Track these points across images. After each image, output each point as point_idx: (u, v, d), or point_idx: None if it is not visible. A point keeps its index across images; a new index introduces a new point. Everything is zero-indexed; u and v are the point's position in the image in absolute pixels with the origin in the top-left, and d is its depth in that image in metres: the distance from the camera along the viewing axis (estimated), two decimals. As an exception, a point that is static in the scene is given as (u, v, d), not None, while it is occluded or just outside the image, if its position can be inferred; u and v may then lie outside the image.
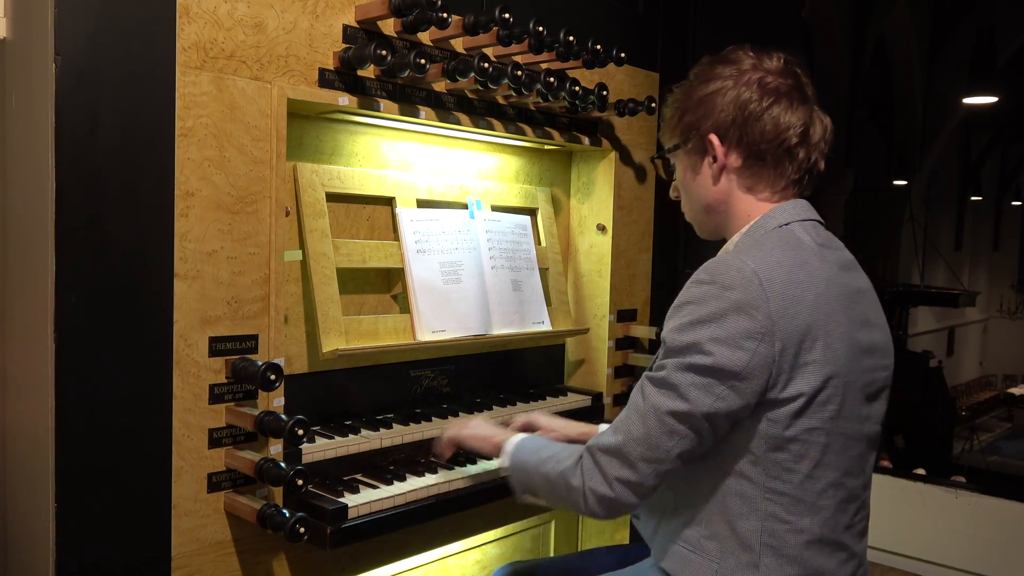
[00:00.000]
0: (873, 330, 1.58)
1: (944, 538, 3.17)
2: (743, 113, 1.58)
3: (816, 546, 1.49)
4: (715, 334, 1.43)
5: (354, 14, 1.89)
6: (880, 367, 1.58)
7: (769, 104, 1.57)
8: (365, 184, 2.14)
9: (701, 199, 1.68)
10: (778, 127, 1.57)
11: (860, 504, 1.56)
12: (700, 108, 1.62)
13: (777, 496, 1.47)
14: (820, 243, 1.56)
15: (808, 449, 1.45)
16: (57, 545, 1.50)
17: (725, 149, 1.61)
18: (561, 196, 2.73)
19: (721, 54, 1.66)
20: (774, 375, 1.42)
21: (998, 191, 17.56)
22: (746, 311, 1.42)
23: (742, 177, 1.62)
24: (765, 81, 1.59)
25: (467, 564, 2.53)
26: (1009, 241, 18.03)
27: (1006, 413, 14.34)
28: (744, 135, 1.58)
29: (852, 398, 1.49)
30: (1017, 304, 16.67)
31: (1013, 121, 13.93)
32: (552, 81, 2.21)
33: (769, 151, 1.58)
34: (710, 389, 1.43)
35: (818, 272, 1.49)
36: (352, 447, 1.96)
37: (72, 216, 1.49)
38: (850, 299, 1.53)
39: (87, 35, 1.49)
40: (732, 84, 1.60)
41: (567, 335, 2.66)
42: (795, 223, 1.58)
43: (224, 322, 1.68)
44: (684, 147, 1.67)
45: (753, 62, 1.61)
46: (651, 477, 1.50)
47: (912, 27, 10.75)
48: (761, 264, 1.45)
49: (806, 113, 1.59)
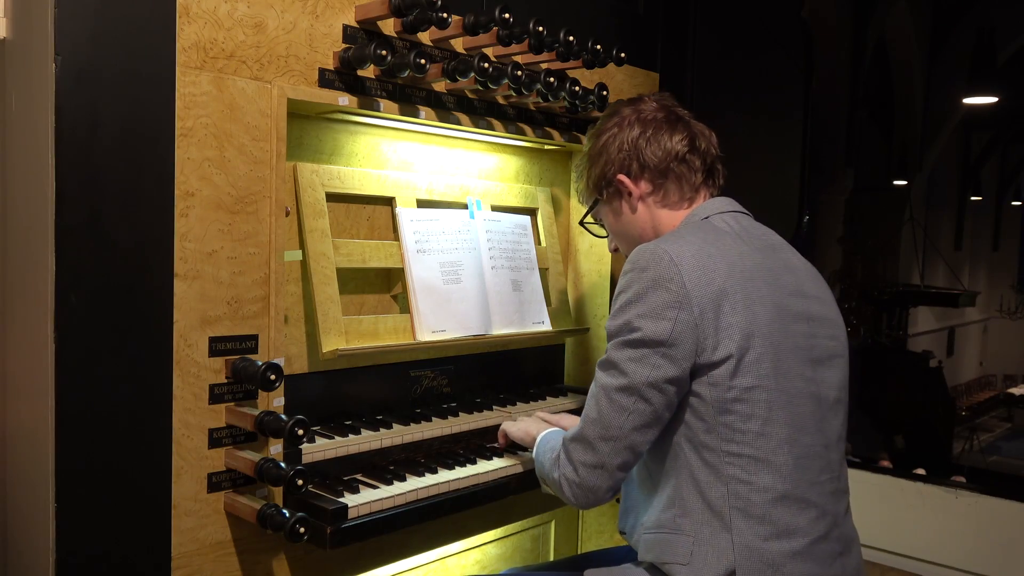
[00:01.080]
0: (810, 301, 1.70)
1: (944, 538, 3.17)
2: (635, 147, 1.82)
3: (782, 503, 1.55)
4: (640, 311, 1.59)
5: (354, 14, 1.89)
6: (822, 335, 1.69)
7: (652, 132, 1.82)
8: (365, 184, 2.14)
9: (633, 234, 1.88)
10: (666, 146, 1.81)
11: (824, 463, 1.63)
12: (600, 159, 1.87)
13: (735, 458, 1.56)
14: (739, 229, 1.73)
15: (753, 408, 1.56)
16: (57, 545, 1.50)
17: (633, 181, 1.84)
18: (561, 196, 2.73)
19: (610, 109, 1.92)
20: (700, 339, 1.56)
21: (998, 191, 17.55)
22: (662, 285, 1.57)
23: (656, 197, 1.84)
24: (643, 117, 1.84)
25: (467, 564, 2.53)
26: (1009, 241, 18.02)
27: (1006, 413, 14.33)
28: (643, 163, 1.82)
29: (789, 359, 1.60)
30: (1017, 304, 16.65)
31: (1013, 121, 13.92)
32: (552, 81, 2.21)
33: (668, 167, 1.81)
34: (645, 360, 1.57)
35: (731, 248, 1.65)
36: (352, 447, 1.96)
37: (72, 216, 1.49)
38: (773, 271, 1.67)
39: (87, 35, 1.49)
40: (618, 129, 1.85)
41: (567, 335, 2.66)
42: (714, 216, 1.77)
43: (224, 322, 1.68)
44: (603, 198, 1.90)
45: (631, 108, 1.87)
46: (611, 456, 1.62)
47: (912, 27, 10.75)
48: (672, 246, 1.62)
49: (685, 129, 1.84)
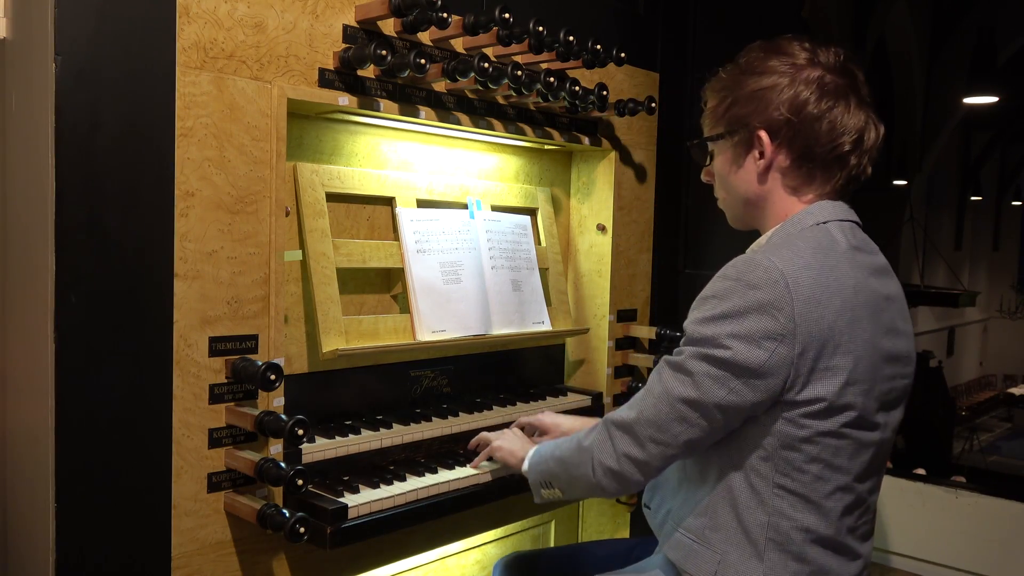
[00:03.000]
0: (898, 338, 1.55)
1: (944, 538, 3.17)
2: (799, 114, 1.52)
3: (820, 545, 1.49)
4: (735, 330, 1.42)
5: (354, 14, 1.89)
6: (901, 375, 1.57)
7: (828, 107, 1.52)
8: (365, 184, 2.14)
9: (740, 191, 1.63)
10: (833, 132, 1.53)
11: (865, 508, 1.56)
12: (752, 102, 1.56)
13: (785, 493, 1.47)
14: (854, 245, 1.53)
15: (821, 451, 1.45)
16: (57, 545, 1.50)
17: (775, 147, 1.56)
18: (561, 196, 2.73)
19: (774, 43, 1.59)
20: (792, 377, 1.42)
21: (998, 191, 17.53)
22: (768, 311, 1.40)
23: (788, 177, 1.58)
24: (824, 81, 1.53)
25: (467, 564, 2.53)
26: (1009, 241, 18.01)
27: (1006, 413, 14.31)
28: (797, 136, 1.53)
29: (871, 405, 1.48)
30: (1017, 304, 16.64)
31: (1013, 121, 13.90)
32: (552, 81, 2.21)
33: (821, 155, 1.54)
34: (724, 382, 1.44)
35: (847, 277, 1.47)
36: (352, 447, 1.96)
37: (72, 216, 1.49)
38: (878, 306, 1.51)
39: (87, 35, 1.49)
40: (788, 81, 1.53)
41: (567, 335, 2.65)
42: (832, 222, 1.54)
43: (224, 322, 1.68)
44: (729, 138, 1.62)
45: (808, 56, 1.55)
46: (657, 458, 1.54)
47: (912, 27, 10.74)
48: (789, 265, 1.43)
49: (863, 117, 1.55)
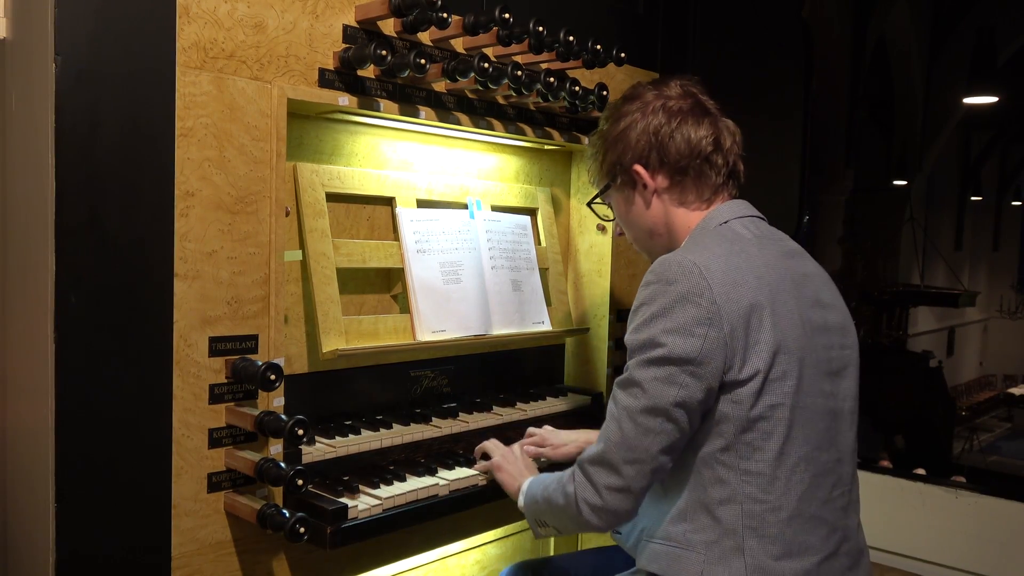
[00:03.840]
0: (827, 311, 1.64)
1: (944, 538, 3.17)
2: (656, 138, 1.71)
3: (795, 522, 1.52)
4: (666, 326, 1.51)
5: (354, 14, 1.89)
6: (839, 345, 1.64)
7: (677, 124, 1.70)
8: (365, 184, 2.14)
9: (643, 227, 1.79)
10: (690, 141, 1.70)
11: (836, 479, 1.59)
12: (618, 145, 1.75)
13: (752, 476, 1.51)
14: (759, 235, 1.66)
15: (774, 426, 1.51)
16: (57, 544, 1.50)
17: (650, 174, 1.73)
18: (561, 196, 2.73)
19: (624, 94, 1.80)
20: (729, 357, 1.49)
21: (998, 191, 17.54)
22: (691, 300, 1.49)
23: (672, 194, 1.74)
24: (668, 105, 1.72)
25: (467, 564, 2.53)
26: (1009, 241, 18.01)
27: (1006, 413, 14.31)
28: (663, 156, 1.71)
29: (811, 374, 1.55)
30: (1017, 304, 16.64)
31: (1013, 121, 13.91)
32: (552, 81, 2.21)
33: (689, 164, 1.71)
34: (672, 379, 1.50)
35: (756, 257, 1.58)
36: (352, 447, 1.96)
37: (72, 216, 1.49)
38: (796, 281, 1.60)
39: (87, 35, 1.49)
40: (640, 115, 1.73)
41: (567, 335, 2.66)
42: (733, 220, 1.68)
43: (224, 322, 1.68)
44: (614, 184, 1.79)
45: (654, 93, 1.75)
46: (638, 479, 1.55)
47: (912, 27, 10.74)
48: (699, 256, 1.54)
49: (712, 124, 1.72)
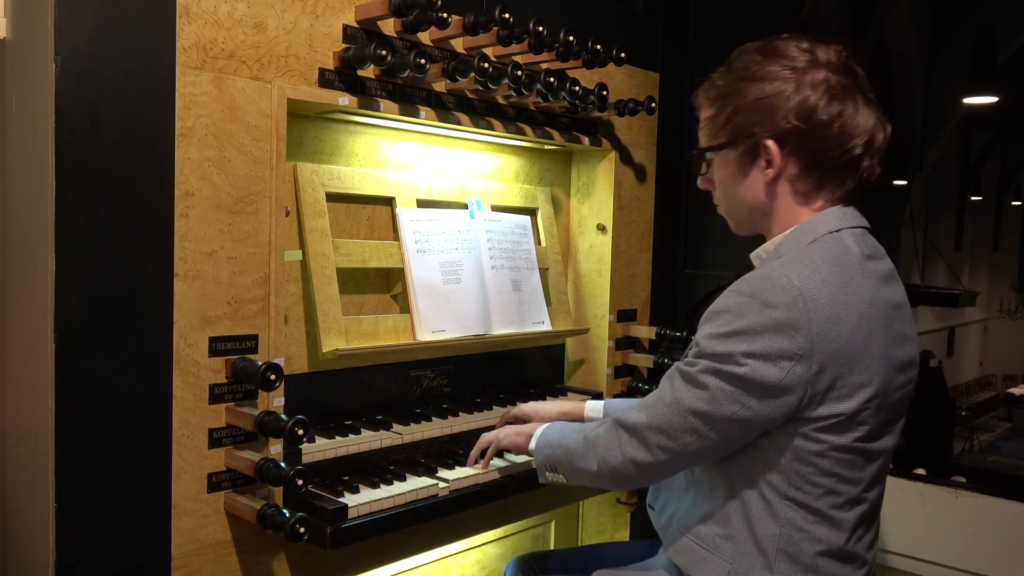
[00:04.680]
0: (907, 345, 1.54)
1: (944, 538, 3.17)
2: (808, 121, 1.46)
3: (831, 556, 1.49)
4: (751, 348, 1.39)
5: (354, 14, 1.89)
6: (909, 381, 1.56)
7: (837, 112, 1.46)
8: (365, 184, 2.14)
9: (746, 200, 1.58)
10: (844, 136, 1.47)
11: (874, 516, 1.56)
12: (756, 112, 1.49)
13: (797, 506, 1.46)
14: (866, 254, 1.50)
15: (833, 465, 1.45)
16: (57, 545, 1.50)
17: (783, 156, 1.50)
18: (561, 196, 2.73)
19: (770, 45, 1.52)
20: (808, 395, 1.39)
21: (998, 191, 17.53)
22: (785, 331, 1.37)
23: (797, 184, 1.52)
24: (830, 83, 1.46)
25: (467, 564, 2.53)
26: (1009, 241, 18.00)
27: (1006, 413, 14.31)
28: (807, 143, 1.48)
29: (882, 419, 1.48)
30: (1017, 304, 16.64)
31: (1013, 121, 13.90)
32: (552, 81, 2.21)
33: (832, 161, 1.48)
34: (738, 398, 1.42)
35: (863, 291, 1.44)
36: (352, 447, 1.95)
37: (72, 216, 1.49)
38: (889, 316, 1.49)
39: (87, 35, 1.49)
40: (794, 87, 1.46)
41: (567, 335, 2.65)
42: (845, 230, 1.50)
43: (224, 322, 1.68)
44: (733, 149, 1.55)
45: (809, 57, 1.48)
46: (663, 465, 1.53)
47: (912, 27, 10.74)
48: (807, 282, 1.39)
49: (872, 118, 1.49)
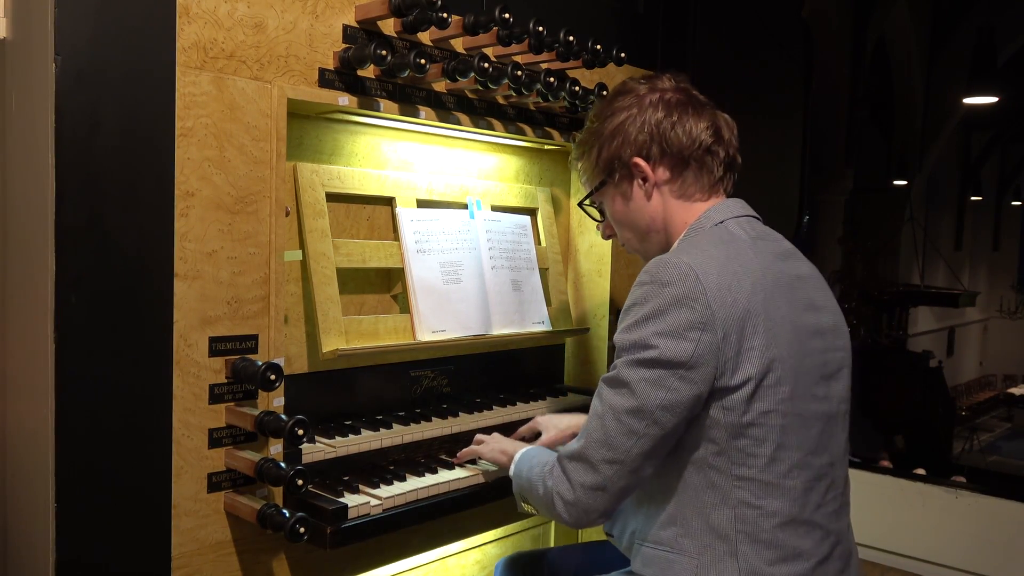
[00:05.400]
0: (820, 313, 1.63)
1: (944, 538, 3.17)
2: (658, 129, 1.68)
3: (790, 527, 1.52)
4: (659, 328, 1.49)
5: (354, 14, 1.89)
6: (832, 347, 1.63)
7: (677, 116, 1.69)
8: (365, 184, 2.14)
9: (639, 222, 1.75)
10: (692, 132, 1.68)
11: (830, 482, 1.59)
12: (615, 139, 1.72)
13: (744, 482, 1.50)
14: (755, 236, 1.64)
15: (767, 432, 1.50)
16: (57, 545, 1.50)
17: (651, 166, 1.70)
18: (561, 196, 2.73)
19: (615, 89, 1.79)
20: (721, 363, 1.47)
21: (998, 191, 17.55)
22: (686, 303, 1.48)
23: (673, 186, 1.71)
24: (666, 98, 1.70)
25: (467, 564, 2.53)
26: (1009, 241, 18.02)
27: (1006, 413, 14.32)
28: (665, 148, 1.69)
29: (804, 379, 1.54)
30: (1017, 304, 16.65)
31: (1013, 121, 13.92)
32: (552, 81, 2.21)
33: (691, 155, 1.69)
34: (661, 382, 1.49)
35: (752, 262, 1.56)
36: (352, 447, 1.95)
37: (72, 216, 1.49)
38: (790, 284, 1.59)
39: (87, 35, 1.49)
40: (637, 109, 1.70)
41: (567, 335, 2.66)
42: (729, 220, 1.66)
43: (224, 322, 1.68)
44: (612, 180, 1.75)
45: (647, 86, 1.73)
46: (615, 479, 1.54)
47: (912, 27, 10.75)
48: (696, 259, 1.52)
49: (710, 116, 1.71)
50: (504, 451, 1.96)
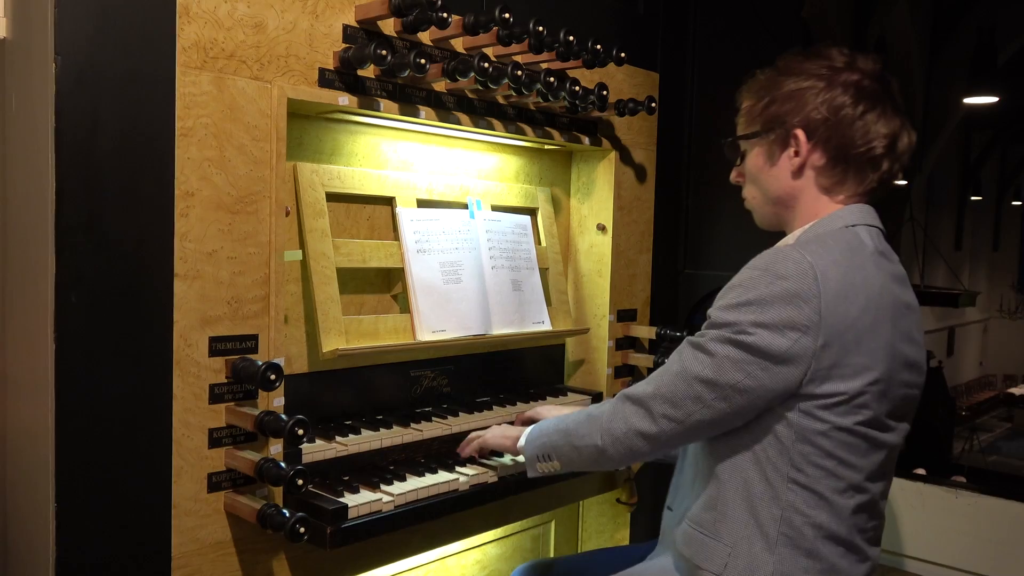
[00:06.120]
0: (914, 347, 1.58)
1: (944, 538, 3.17)
2: (836, 115, 1.56)
3: (832, 543, 1.50)
4: (759, 318, 1.44)
5: (354, 14, 1.89)
6: (915, 384, 1.59)
7: (864, 110, 1.56)
8: (365, 184, 2.14)
9: (772, 190, 1.66)
10: (869, 134, 1.56)
11: (876, 511, 1.57)
12: (790, 101, 1.60)
13: (799, 488, 1.48)
14: (880, 251, 1.57)
15: (835, 447, 1.46)
16: (57, 545, 1.50)
17: (810, 146, 1.59)
18: (561, 196, 2.73)
19: (813, 48, 1.64)
20: (812, 368, 1.43)
21: (998, 191, 17.53)
22: (794, 302, 1.42)
23: (822, 176, 1.61)
24: (862, 85, 1.57)
25: (467, 564, 2.53)
26: (1009, 241, 18.00)
27: (1006, 413, 14.31)
28: (833, 136, 1.57)
29: (886, 407, 1.50)
30: (1017, 304, 16.65)
31: (1013, 121, 13.90)
32: (552, 81, 2.21)
33: (855, 156, 1.57)
34: (743, 366, 1.46)
35: (873, 277, 1.50)
36: (352, 447, 1.96)
37: (72, 216, 1.49)
38: (899, 311, 1.54)
39: (87, 35, 1.49)
40: (826, 83, 1.57)
41: (567, 335, 2.65)
42: (861, 226, 1.57)
43: (224, 322, 1.68)
44: (765, 137, 1.64)
45: (847, 60, 1.59)
46: (666, 435, 1.55)
47: (912, 27, 10.74)
48: (819, 259, 1.45)
49: (897, 123, 1.58)
50: (507, 435, 1.98)
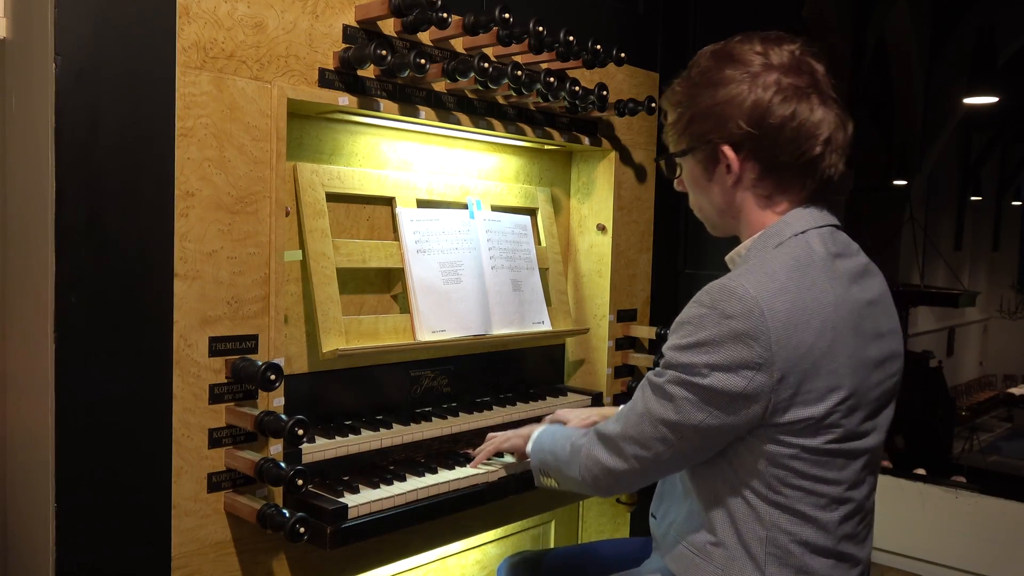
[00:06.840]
0: (883, 340, 1.53)
1: (944, 538, 3.18)
2: (760, 126, 1.45)
3: (820, 556, 1.49)
4: (712, 360, 1.40)
5: (354, 14, 1.89)
6: (889, 375, 1.54)
7: (789, 114, 1.44)
8: (365, 184, 2.14)
9: (716, 202, 1.59)
10: (799, 138, 1.45)
11: (864, 514, 1.56)
12: (710, 118, 1.49)
13: (780, 509, 1.46)
14: (834, 253, 1.49)
15: (809, 467, 1.44)
16: (57, 545, 1.50)
17: (740, 160, 1.50)
18: (561, 196, 2.73)
19: (726, 49, 1.52)
20: (772, 402, 1.39)
21: (998, 191, 17.54)
22: (744, 340, 1.37)
23: (759, 188, 1.52)
24: (781, 85, 1.45)
25: (467, 564, 2.53)
26: (1009, 241, 18.01)
27: (1006, 413, 14.32)
28: (761, 148, 1.47)
29: (857, 418, 1.47)
30: (1017, 304, 16.66)
31: (1013, 121, 13.91)
32: (552, 81, 2.21)
33: (789, 163, 1.47)
34: (703, 407, 1.42)
35: (825, 294, 1.43)
36: (352, 447, 1.96)
37: (72, 216, 1.49)
38: (860, 315, 1.48)
39: (87, 35, 1.49)
40: (747, 88, 1.46)
41: (567, 335, 2.65)
42: (811, 231, 1.49)
43: (224, 322, 1.68)
44: (694, 155, 1.56)
45: (763, 60, 1.47)
46: (639, 472, 1.57)
47: (912, 27, 10.74)
48: (763, 291, 1.39)
49: (829, 116, 1.48)
50: (520, 434, 1.99)
